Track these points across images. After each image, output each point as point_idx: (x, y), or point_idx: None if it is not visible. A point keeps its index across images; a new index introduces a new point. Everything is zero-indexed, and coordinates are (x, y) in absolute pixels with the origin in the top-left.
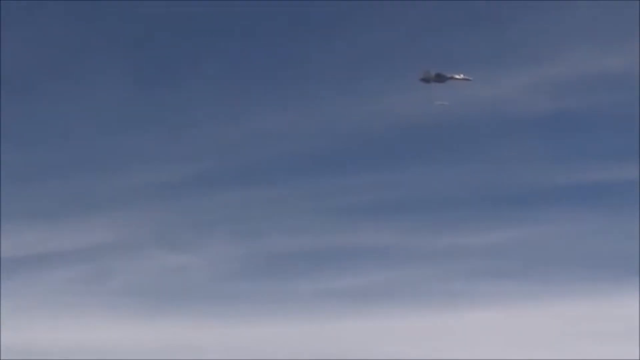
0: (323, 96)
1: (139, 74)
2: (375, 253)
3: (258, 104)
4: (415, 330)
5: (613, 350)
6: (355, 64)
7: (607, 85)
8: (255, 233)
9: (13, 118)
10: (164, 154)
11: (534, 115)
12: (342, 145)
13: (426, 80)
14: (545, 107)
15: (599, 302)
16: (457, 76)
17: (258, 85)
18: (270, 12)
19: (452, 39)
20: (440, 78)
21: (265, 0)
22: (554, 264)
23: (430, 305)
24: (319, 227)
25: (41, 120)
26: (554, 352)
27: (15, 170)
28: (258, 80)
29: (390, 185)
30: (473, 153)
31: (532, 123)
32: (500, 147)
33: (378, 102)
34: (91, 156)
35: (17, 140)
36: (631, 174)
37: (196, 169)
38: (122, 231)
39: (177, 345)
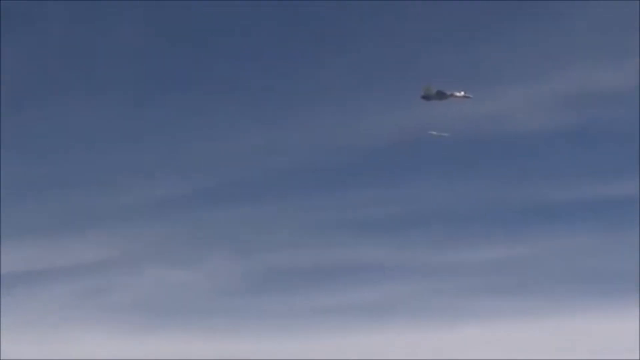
0: (323, 112)
1: (137, 89)
2: (374, 269)
3: (258, 119)
4: (415, 346)
5: None
6: (355, 80)
7: (605, 101)
8: (255, 248)
9: (12, 132)
10: (163, 169)
11: (533, 131)
12: (342, 160)
13: (427, 97)
14: (544, 123)
15: (598, 318)
16: (458, 94)
17: (258, 100)
18: (269, 27)
19: (450, 55)
20: (441, 95)
21: (264, 14)
22: (554, 280)
23: (430, 321)
24: (319, 242)
25: (40, 135)
26: None
27: (14, 185)
28: (258, 95)
29: (390, 201)
30: (473, 169)
31: (531, 139)
32: (500, 163)
33: (378, 118)
34: (90, 172)
35: (15, 155)
36: (631, 190)
37: (196, 185)
38: (121, 247)
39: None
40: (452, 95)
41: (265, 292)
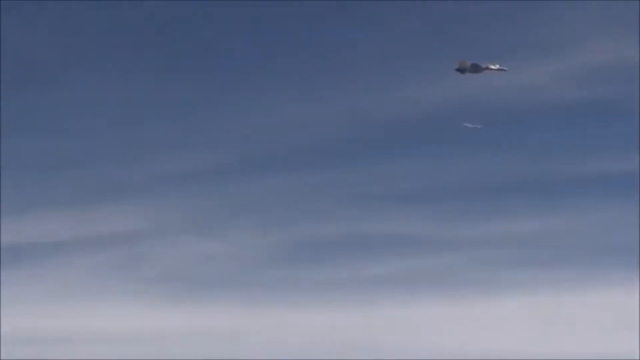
0: (352, 85)
1: (166, 64)
2: (400, 241)
3: (287, 92)
4: (443, 319)
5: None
6: (389, 54)
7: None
8: (283, 221)
9: (48, 107)
10: (194, 142)
11: (561, 103)
12: (369, 133)
13: (462, 70)
14: (574, 95)
15: (624, 292)
16: (493, 66)
17: (287, 73)
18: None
19: (480, 31)
20: (475, 68)
21: None
22: (579, 253)
23: (452, 293)
24: (347, 215)
25: (75, 111)
26: (576, 341)
27: (48, 157)
28: (286, 67)
29: (420, 174)
30: (499, 142)
31: (559, 111)
32: (527, 136)
33: (409, 91)
34: (122, 145)
35: (50, 129)
36: None
37: (224, 158)
38: (150, 218)
39: (206, 331)
40: (487, 68)
41: (293, 264)
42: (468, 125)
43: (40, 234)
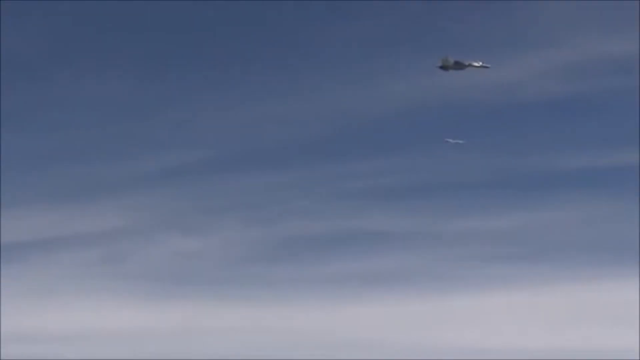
0: (336, 82)
1: (147, 62)
2: (386, 237)
3: (269, 89)
4: (426, 313)
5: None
6: (373, 52)
7: (618, 70)
8: (266, 217)
9: (26, 105)
10: (174, 140)
11: (545, 99)
12: (354, 130)
13: (445, 67)
14: (556, 91)
15: (609, 285)
16: (475, 63)
17: (269, 71)
18: None
19: (463, 28)
20: (458, 65)
21: None
22: (565, 248)
23: (441, 288)
24: (331, 211)
25: (54, 108)
26: (563, 334)
27: (29, 156)
28: (270, 65)
29: (402, 170)
30: (485, 138)
31: (543, 107)
32: (512, 131)
33: (393, 88)
34: (104, 143)
35: (29, 127)
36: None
37: (207, 155)
38: (134, 216)
39: (189, 328)
40: (470, 65)
41: (277, 261)
42: (450, 140)
43: (21, 232)
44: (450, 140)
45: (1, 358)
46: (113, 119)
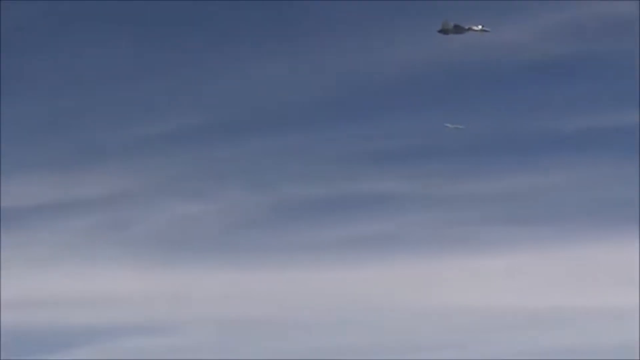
0: (335, 45)
1: (145, 27)
2: (386, 200)
3: (267, 53)
4: (425, 277)
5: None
6: (370, 14)
7: (621, 29)
8: (269, 181)
9: (25, 70)
10: (173, 105)
11: (544, 61)
12: (353, 94)
13: (445, 31)
14: (555, 52)
15: (608, 247)
16: (475, 27)
17: (267, 34)
18: None
19: None
20: (458, 29)
21: None
22: (565, 210)
23: (439, 251)
24: (331, 175)
25: (54, 73)
26: (564, 297)
27: (26, 122)
28: (267, 28)
29: (403, 133)
30: (483, 101)
31: (542, 69)
32: (510, 94)
33: (392, 52)
34: (103, 107)
35: (29, 91)
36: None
37: (207, 119)
38: (136, 180)
39: (190, 293)
40: (469, 29)
41: (279, 225)
42: (449, 125)
43: (22, 197)
44: (450, 126)
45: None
46: (111, 84)
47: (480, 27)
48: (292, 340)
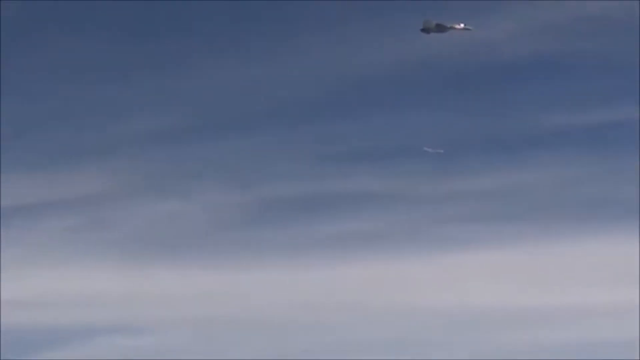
0: (316, 44)
1: (128, 24)
2: (370, 199)
3: (248, 52)
4: (413, 275)
5: (614, 292)
6: (352, 14)
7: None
8: (248, 180)
9: (6, 73)
10: (153, 103)
11: (530, 58)
12: (336, 91)
13: (427, 30)
14: (542, 50)
15: (600, 244)
16: (458, 26)
17: (248, 33)
18: None
19: None
20: (441, 28)
21: None
22: (554, 207)
23: (429, 249)
24: (313, 174)
25: (34, 74)
26: (554, 295)
27: (5, 123)
28: (247, 27)
29: (385, 131)
30: (470, 99)
31: (529, 66)
32: (498, 92)
33: (374, 52)
34: (82, 106)
35: (9, 93)
36: (631, 115)
37: (187, 118)
38: (115, 180)
39: (172, 293)
40: (452, 27)
41: (261, 224)
42: (429, 150)
43: (2, 198)
44: (429, 150)
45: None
46: (90, 84)
47: (462, 25)
48: (275, 339)
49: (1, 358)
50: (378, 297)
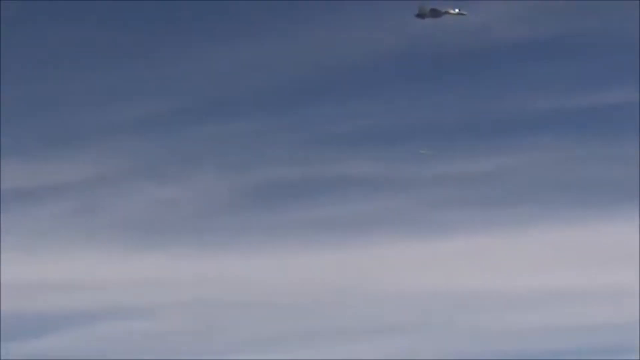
0: (312, 27)
1: (121, 9)
2: (362, 182)
3: (242, 35)
4: (405, 258)
5: (609, 276)
6: None
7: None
8: (243, 164)
9: None
10: (147, 87)
11: (526, 43)
12: (328, 75)
13: (421, 15)
14: (537, 34)
15: (593, 227)
16: (452, 11)
17: (237, 16)
18: None
19: None
20: (435, 13)
21: None
22: (547, 190)
23: (421, 233)
24: (307, 157)
25: (26, 59)
26: (548, 278)
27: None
28: (236, 11)
29: (377, 115)
30: (466, 83)
31: (524, 51)
32: (494, 76)
33: (368, 35)
34: (75, 91)
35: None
36: (630, 97)
37: (181, 102)
38: (108, 165)
39: (166, 277)
40: (446, 12)
41: (255, 208)
42: (423, 152)
43: None
44: (424, 152)
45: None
46: (83, 68)
47: (457, 10)
48: (269, 322)
49: (1, 358)
50: (371, 281)
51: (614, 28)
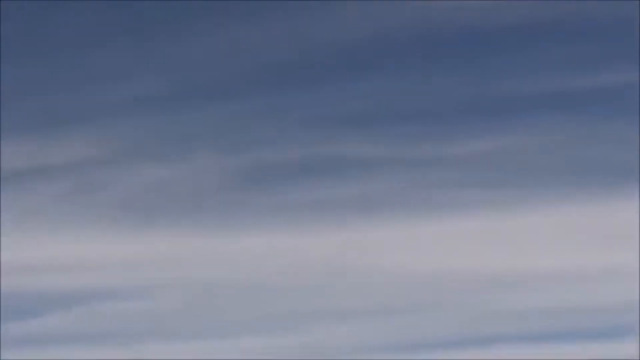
0: (304, 6)
1: None
2: (360, 163)
3: (235, 15)
4: (405, 240)
5: (609, 256)
6: None
7: None
8: (239, 145)
9: None
10: (144, 68)
11: (525, 21)
12: (326, 55)
13: None
14: (537, 12)
15: (592, 207)
16: None
17: None
18: None
19: None
20: None
21: None
22: (546, 171)
23: (420, 214)
24: (304, 138)
25: (25, 37)
26: (547, 258)
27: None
28: None
29: (374, 95)
30: (464, 63)
31: (523, 30)
32: (492, 56)
33: (366, 15)
34: (72, 71)
35: None
36: (630, 78)
37: (179, 82)
38: (104, 146)
39: (167, 258)
40: None
41: (252, 189)
42: None
43: None
44: None
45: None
46: (78, 49)
47: None
48: (268, 303)
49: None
50: (370, 262)
51: (614, 8)
